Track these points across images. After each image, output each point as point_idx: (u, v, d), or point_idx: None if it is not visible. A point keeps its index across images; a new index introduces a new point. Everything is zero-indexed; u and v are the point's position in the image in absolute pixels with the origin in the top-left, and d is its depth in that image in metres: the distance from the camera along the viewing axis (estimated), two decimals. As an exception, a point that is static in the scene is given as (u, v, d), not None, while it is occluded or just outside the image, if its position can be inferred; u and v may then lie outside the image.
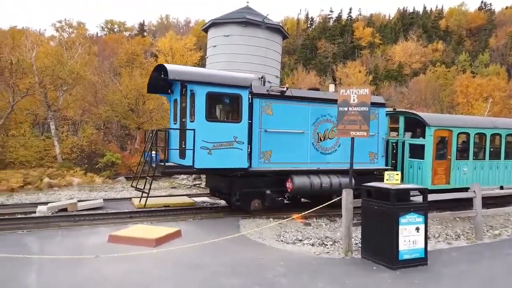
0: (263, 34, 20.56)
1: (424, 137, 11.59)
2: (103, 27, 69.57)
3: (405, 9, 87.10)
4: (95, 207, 11.24)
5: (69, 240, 7.70)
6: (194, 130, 9.28)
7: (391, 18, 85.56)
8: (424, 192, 6.84)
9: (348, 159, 11.24)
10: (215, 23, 21.04)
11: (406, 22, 77.29)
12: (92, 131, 25.11)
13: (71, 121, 27.90)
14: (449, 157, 11.82)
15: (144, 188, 10.59)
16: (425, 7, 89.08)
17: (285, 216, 9.83)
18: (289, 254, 7.21)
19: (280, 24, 25.06)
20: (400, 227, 6.36)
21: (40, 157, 22.74)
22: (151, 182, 10.49)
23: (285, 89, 10.60)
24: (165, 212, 10.80)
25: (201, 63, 35.86)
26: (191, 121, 9.67)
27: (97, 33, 64.71)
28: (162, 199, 12.62)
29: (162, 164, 9.78)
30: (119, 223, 9.23)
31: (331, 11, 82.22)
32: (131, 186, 11.68)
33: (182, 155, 9.84)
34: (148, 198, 11.99)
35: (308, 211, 8.71)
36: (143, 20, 75.05)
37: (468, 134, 12.22)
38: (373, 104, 11.52)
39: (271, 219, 10.08)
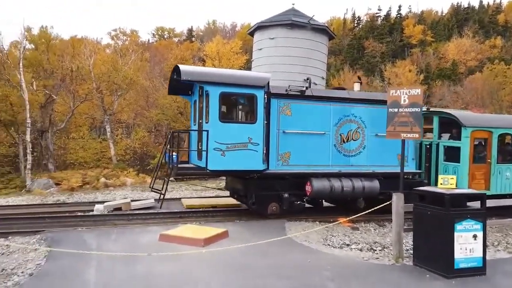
0: (309, 36, 20.37)
1: (460, 139, 10.79)
2: (154, 34, 72.56)
3: (459, 4, 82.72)
4: (147, 206, 11.74)
5: (123, 237, 8.10)
6: (207, 131, 9.23)
7: (443, 14, 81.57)
8: (482, 198, 6.46)
9: (374, 161, 10.81)
10: (260, 26, 21.18)
11: (461, 18, 73.37)
12: (144, 134, 26.28)
13: (125, 124, 29.37)
14: (489, 160, 10.92)
15: (162, 189, 10.67)
16: (481, 1, 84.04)
17: (331, 220, 9.70)
18: (336, 258, 7.10)
19: (326, 25, 24.76)
20: (456, 234, 6.05)
21: (97, 158, 24.18)
22: (167, 183, 10.55)
23: (304, 88, 10.26)
24: (212, 212, 11.04)
25: (247, 66, 36.29)
26: (206, 122, 9.60)
27: (148, 40, 67.65)
28: (210, 200, 12.91)
29: (176, 165, 9.74)
30: (170, 223, 9.56)
31: (379, 10, 79.89)
32: (149, 187, 11.69)
33: (199, 156, 9.78)
34: (196, 199, 12.30)
35: (356, 215, 8.53)
36: (191, 26, 77.20)
37: None
38: None
39: (317, 222, 9.97)
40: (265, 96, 9.60)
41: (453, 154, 11.02)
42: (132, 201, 12.02)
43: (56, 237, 7.98)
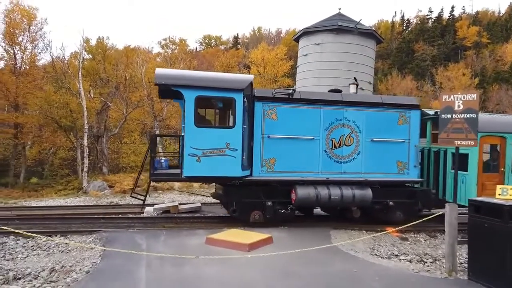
0: (356, 40, 20.12)
1: None
2: (201, 42, 74.59)
3: (519, 2, 77.34)
4: (194, 210, 12.06)
5: (171, 239, 8.36)
6: (182, 136, 8.94)
7: (501, 15, 76.75)
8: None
9: (370, 168, 10.19)
10: (306, 32, 21.20)
11: (521, 17, 68.56)
12: (191, 139, 27.00)
13: (173, 130, 30.38)
14: (502, 169, 10.02)
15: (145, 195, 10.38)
16: (545, -1, 78.02)
17: (379, 229, 9.43)
18: (384, 269, 6.88)
19: (374, 29, 24.22)
20: (516, 248, 5.65)
21: (147, 162, 25.11)
22: (148, 188, 10.40)
23: (290, 91, 9.84)
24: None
25: (292, 72, 36.27)
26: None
27: (196, 48, 69.61)
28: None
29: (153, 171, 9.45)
30: (215, 227, 9.74)
31: (430, 11, 76.25)
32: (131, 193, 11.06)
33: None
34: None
35: (405, 226, 8.23)
36: (237, 33, 78.30)
37: None
38: (403, 106, 10.31)
39: (364, 231, 9.74)
40: (245, 100, 9.18)
41: (461, 162, 10.09)
42: (179, 204, 12.40)
43: (110, 237, 8.41)
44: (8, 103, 25.91)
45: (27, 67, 26.62)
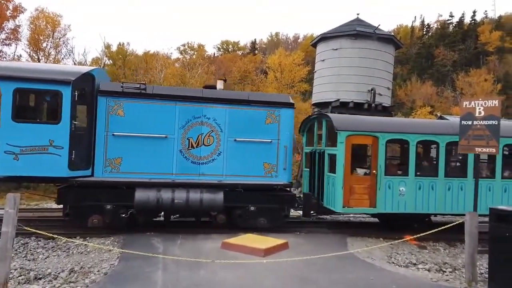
0: (374, 45, 19.96)
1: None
2: (219, 47, 75.27)
3: (544, 6, 75.24)
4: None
5: (187, 243, 8.42)
6: None
7: (526, 18, 74.76)
8: None
9: (233, 170, 9.61)
10: (324, 37, 21.16)
11: (546, 21, 66.76)
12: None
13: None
14: (374, 171, 9.41)
15: None
16: None
17: (396, 237, 9.29)
18: (402, 277, 6.77)
19: (393, 34, 24.01)
20: (540, 259, 5.48)
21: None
22: None
23: (139, 85, 9.24)
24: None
25: (309, 77, 36.23)
26: None
27: (214, 54, 70.25)
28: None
29: None
30: (231, 231, 9.74)
31: (451, 16, 74.98)
32: None
33: None
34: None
35: (424, 234, 8.08)
36: (255, 39, 78.71)
37: (407, 142, 9.58)
38: (272, 104, 9.76)
39: (381, 239, 9.61)
40: (76, 93, 8.51)
41: (334, 164, 9.71)
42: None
43: (128, 240, 8.54)
44: (31, 107, 26.69)
45: (51, 72, 27.42)
